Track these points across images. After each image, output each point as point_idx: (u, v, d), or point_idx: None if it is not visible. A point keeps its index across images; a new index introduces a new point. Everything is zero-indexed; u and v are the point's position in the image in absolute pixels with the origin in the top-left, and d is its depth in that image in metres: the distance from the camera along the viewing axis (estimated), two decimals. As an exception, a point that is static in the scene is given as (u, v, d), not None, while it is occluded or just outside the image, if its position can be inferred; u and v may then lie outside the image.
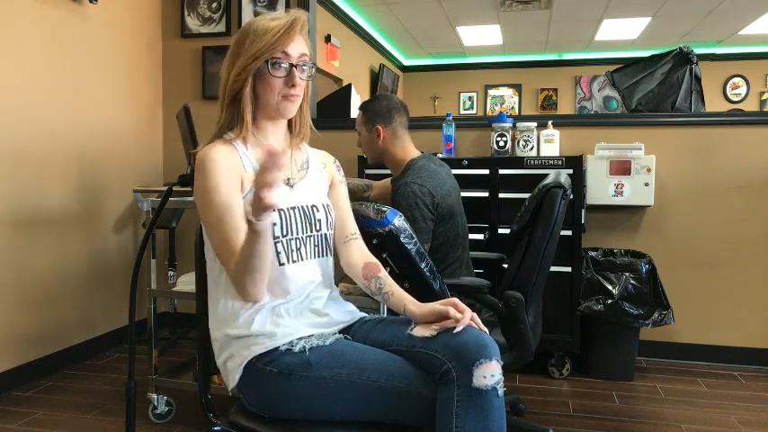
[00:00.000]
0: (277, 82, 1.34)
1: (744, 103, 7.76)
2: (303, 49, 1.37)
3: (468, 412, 1.15)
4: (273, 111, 1.38)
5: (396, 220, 1.66)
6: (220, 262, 1.32)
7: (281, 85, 1.35)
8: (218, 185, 1.29)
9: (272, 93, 1.35)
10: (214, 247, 1.32)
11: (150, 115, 3.67)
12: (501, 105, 8.48)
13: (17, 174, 2.74)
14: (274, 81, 1.34)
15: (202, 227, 1.36)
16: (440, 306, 1.29)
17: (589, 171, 3.05)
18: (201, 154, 1.33)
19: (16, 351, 2.76)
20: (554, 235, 1.83)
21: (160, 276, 3.53)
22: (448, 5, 6.00)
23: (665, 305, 2.85)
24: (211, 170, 1.30)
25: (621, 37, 7.18)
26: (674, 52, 3.39)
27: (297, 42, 1.35)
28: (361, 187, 2.45)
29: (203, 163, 1.31)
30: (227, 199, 1.29)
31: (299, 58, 1.35)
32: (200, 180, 1.31)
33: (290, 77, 1.35)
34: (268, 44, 1.32)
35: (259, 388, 1.27)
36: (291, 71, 1.35)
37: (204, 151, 1.33)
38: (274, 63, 1.33)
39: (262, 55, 1.32)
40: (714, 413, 2.51)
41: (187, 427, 2.34)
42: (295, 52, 1.35)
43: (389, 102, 2.27)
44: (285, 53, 1.34)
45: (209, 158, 1.31)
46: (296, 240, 1.36)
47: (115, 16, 3.34)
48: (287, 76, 1.35)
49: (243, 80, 1.34)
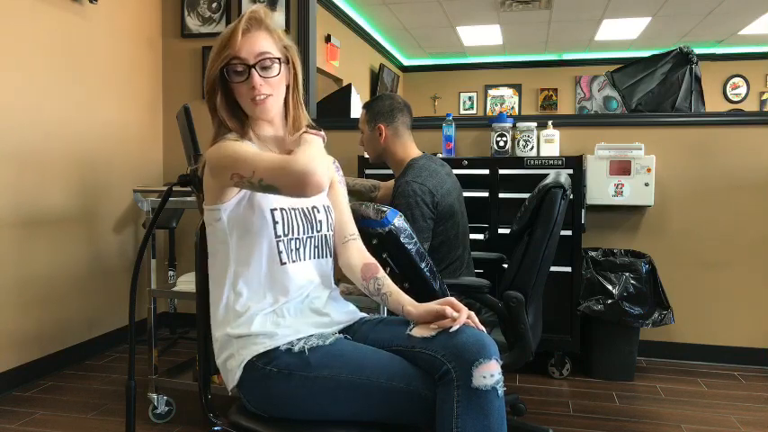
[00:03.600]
0: (241, 87, 1.34)
1: (744, 103, 7.76)
2: (262, 45, 1.33)
3: (468, 412, 1.15)
4: (252, 115, 1.38)
5: (396, 220, 1.66)
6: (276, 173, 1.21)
7: (246, 88, 1.33)
8: (240, 144, 1.31)
9: (242, 98, 1.36)
10: (265, 169, 1.22)
11: (150, 115, 3.67)
12: (501, 105, 8.48)
13: (17, 174, 2.74)
14: (238, 87, 1.34)
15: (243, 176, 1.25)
16: (437, 306, 1.29)
17: (589, 171, 3.05)
18: (213, 148, 1.33)
19: (16, 351, 2.76)
20: (554, 235, 1.83)
21: (160, 276, 3.53)
22: (448, 5, 6.00)
23: (665, 305, 2.85)
24: (227, 145, 1.30)
25: (621, 37, 7.18)
26: (674, 52, 3.39)
27: (249, 43, 1.32)
28: (368, 188, 2.45)
29: (217, 148, 1.31)
30: (249, 147, 1.31)
31: (256, 58, 1.32)
32: (217, 157, 1.30)
33: (248, 80, 1.33)
34: (219, 53, 1.32)
35: (259, 388, 1.27)
36: (250, 73, 1.32)
37: (215, 146, 1.34)
38: (230, 69, 1.33)
39: (216, 64, 1.33)
40: (714, 413, 2.51)
41: (187, 427, 2.34)
42: (248, 53, 1.32)
43: (393, 101, 2.27)
44: (238, 57, 1.32)
45: (222, 145, 1.31)
46: (296, 240, 1.36)
47: (115, 16, 3.34)
48: (246, 79, 1.33)
49: (213, 91, 1.35)
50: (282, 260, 1.34)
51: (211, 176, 1.33)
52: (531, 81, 8.36)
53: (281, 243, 1.34)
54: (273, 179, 1.21)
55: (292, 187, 1.20)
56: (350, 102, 3.92)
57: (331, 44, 5.42)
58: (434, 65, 8.53)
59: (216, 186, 1.34)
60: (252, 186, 1.26)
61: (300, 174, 1.17)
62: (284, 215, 1.34)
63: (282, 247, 1.34)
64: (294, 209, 1.37)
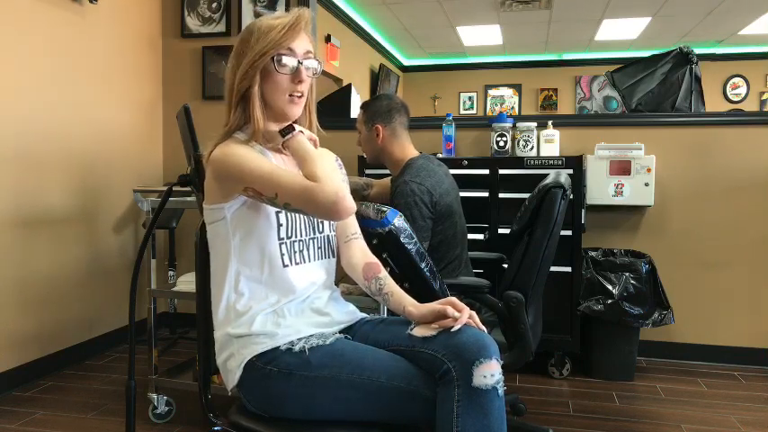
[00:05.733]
0: (284, 79, 1.34)
1: (744, 103, 7.75)
2: (308, 46, 1.37)
3: (468, 412, 1.15)
4: (279, 113, 1.37)
5: (396, 220, 1.66)
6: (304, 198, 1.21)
7: (288, 82, 1.34)
8: (249, 154, 1.30)
9: (278, 91, 1.35)
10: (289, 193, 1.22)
11: (150, 115, 3.66)
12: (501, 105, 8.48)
13: (17, 174, 2.74)
14: (281, 78, 1.34)
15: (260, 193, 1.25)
16: (438, 305, 1.29)
17: (589, 171, 3.05)
18: (218, 151, 1.31)
19: (17, 351, 2.76)
20: (554, 235, 1.83)
21: (160, 276, 3.53)
22: (448, 5, 6.00)
23: (665, 305, 2.85)
24: (236, 153, 1.29)
25: (621, 37, 7.18)
26: (674, 52, 3.39)
27: (302, 39, 1.35)
28: (361, 185, 2.45)
29: (224, 156, 1.29)
30: (262, 161, 1.29)
31: (304, 55, 1.36)
32: (225, 166, 1.28)
33: (296, 74, 1.34)
34: (274, 41, 1.32)
35: (259, 387, 1.27)
36: (298, 67, 1.35)
37: (220, 148, 1.32)
38: (281, 59, 1.33)
39: (268, 51, 1.32)
40: (714, 413, 2.51)
41: (187, 427, 2.34)
42: (300, 49, 1.35)
43: (390, 101, 2.27)
44: (291, 49, 1.34)
45: (229, 152, 1.29)
46: (299, 243, 1.36)
47: (115, 16, 3.34)
48: (293, 72, 1.34)
49: (251, 78, 1.34)
50: (285, 263, 1.34)
51: (217, 182, 1.32)
52: (531, 81, 8.35)
53: (284, 246, 1.34)
54: (302, 205, 1.22)
55: (323, 215, 1.25)
56: (350, 102, 3.92)
57: (331, 44, 5.41)
58: (434, 65, 8.53)
59: (220, 190, 1.32)
60: (273, 205, 1.27)
61: (331, 203, 1.19)
62: (288, 217, 1.34)
63: (285, 250, 1.34)
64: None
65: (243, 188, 1.26)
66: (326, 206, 1.20)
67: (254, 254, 1.32)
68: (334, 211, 1.21)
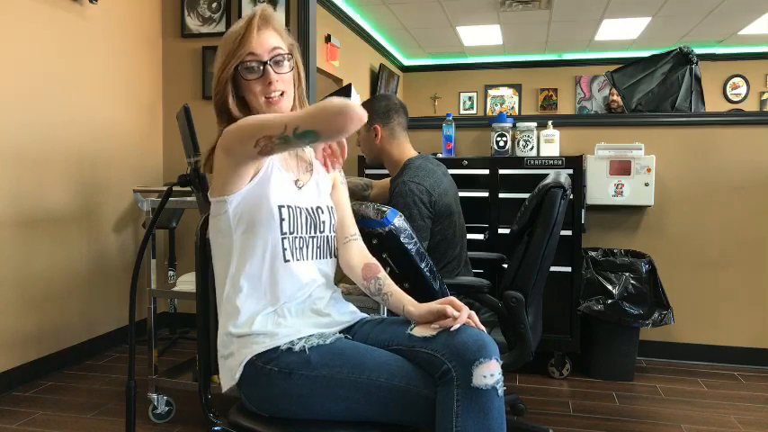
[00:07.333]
0: (255, 84, 1.34)
1: (744, 103, 7.76)
2: (273, 42, 1.34)
3: (467, 412, 1.15)
4: (263, 114, 1.37)
5: (396, 220, 1.66)
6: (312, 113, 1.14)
7: (260, 85, 1.34)
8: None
9: (254, 96, 1.35)
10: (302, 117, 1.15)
11: (150, 115, 3.67)
12: (501, 105, 8.48)
13: (17, 174, 2.74)
14: (252, 84, 1.34)
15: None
16: (437, 305, 1.29)
17: (589, 171, 3.05)
18: (233, 124, 1.29)
19: (17, 351, 2.76)
20: (554, 235, 1.83)
21: (160, 276, 3.53)
22: (448, 5, 6.00)
23: (665, 305, 2.85)
24: (252, 116, 1.27)
25: (621, 37, 7.19)
26: (674, 52, 3.39)
27: (262, 38, 1.33)
28: (360, 186, 2.45)
29: (238, 123, 1.26)
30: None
31: (270, 54, 1.33)
32: (239, 126, 1.24)
33: (264, 77, 1.33)
34: (232, 51, 1.32)
35: (259, 387, 1.27)
36: (265, 69, 1.33)
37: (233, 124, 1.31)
38: (244, 66, 1.32)
39: (230, 63, 1.32)
40: (714, 413, 2.51)
41: (187, 427, 2.34)
42: (263, 49, 1.33)
43: (388, 102, 2.28)
44: (253, 53, 1.32)
45: (246, 118, 1.28)
46: (300, 239, 1.36)
47: (115, 16, 3.34)
48: (261, 76, 1.33)
49: (223, 91, 1.35)
50: (286, 257, 1.33)
51: (227, 155, 1.27)
52: (531, 81, 8.36)
53: (286, 240, 1.33)
54: (312, 124, 1.13)
55: (334, 123, 1.12)
56: (350, 102, 3.91)
57: (331, 44, 5.42)
58: (434, 65, 8.54)
59: (229, 168, 1.29)
60: (284, 142, 1.16)
61: (341, 108, 1.10)
62: (290, 212, 1.34)
63: (287, 245, 1.33)
64: (299, 207, 1.37)
65: (255, 142, 1.19)
66: (336, 113, 1.10)
67: (255, 247, 1.32)
68: (346, 116, 1.10)
